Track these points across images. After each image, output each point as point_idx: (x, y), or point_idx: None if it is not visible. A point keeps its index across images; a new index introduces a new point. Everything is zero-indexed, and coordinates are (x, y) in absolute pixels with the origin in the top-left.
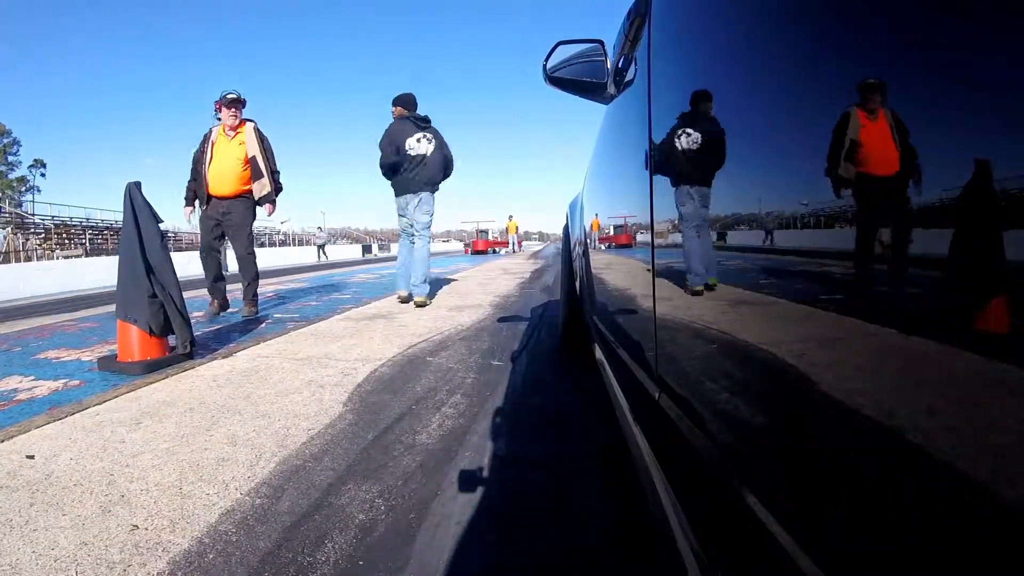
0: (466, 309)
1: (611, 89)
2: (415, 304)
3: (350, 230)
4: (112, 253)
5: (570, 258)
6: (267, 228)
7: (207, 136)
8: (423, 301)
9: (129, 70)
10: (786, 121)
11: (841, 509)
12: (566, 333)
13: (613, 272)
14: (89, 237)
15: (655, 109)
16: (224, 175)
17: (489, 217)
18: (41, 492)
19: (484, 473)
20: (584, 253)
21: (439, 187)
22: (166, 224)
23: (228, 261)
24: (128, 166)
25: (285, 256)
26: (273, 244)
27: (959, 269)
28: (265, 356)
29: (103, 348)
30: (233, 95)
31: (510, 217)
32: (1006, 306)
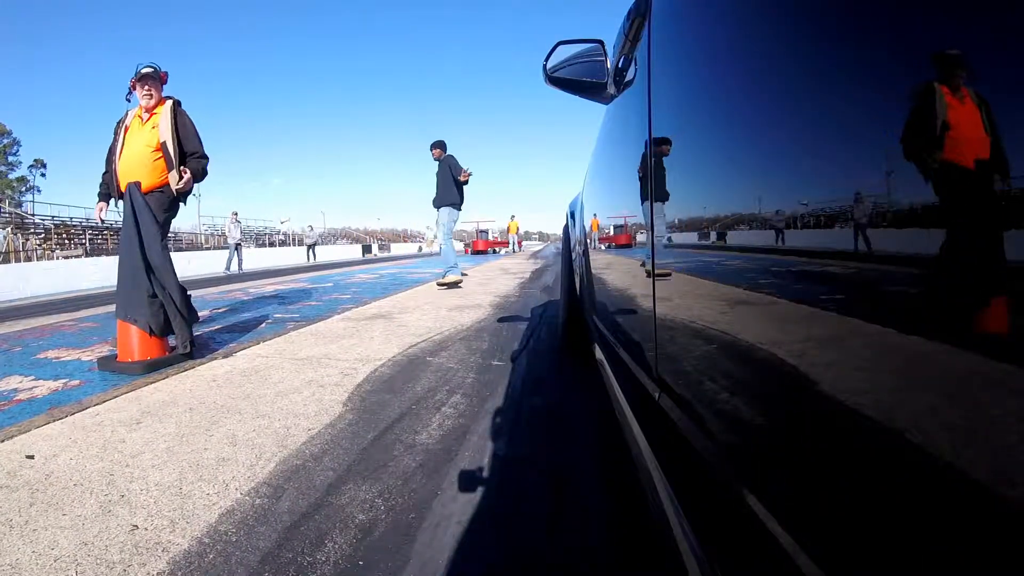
0: (466, 309)
1: (611, 89)
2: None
3: (350, 230)
4: (112, 253)
5: (570, 258)
6: (267, 228)
7: (121, 121)
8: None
9: (130, 70)
10: (786, 121)
11: (841, 509)
12: (566, 333)
13: (613, 272)
14: (89, 237)
15: (655, 109)
16: (132, 166)
17: (489, 217)
18: (41, 492)
19: (484, 473)
20: (584, 253)
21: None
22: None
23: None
24: None
25: (274, 256)
26: (273, 244)
27: (959, 269)
28: (265, 356)
29: (103, 348)
30: (149, 69)
31: (512, 217)
32: (1006, 306)
